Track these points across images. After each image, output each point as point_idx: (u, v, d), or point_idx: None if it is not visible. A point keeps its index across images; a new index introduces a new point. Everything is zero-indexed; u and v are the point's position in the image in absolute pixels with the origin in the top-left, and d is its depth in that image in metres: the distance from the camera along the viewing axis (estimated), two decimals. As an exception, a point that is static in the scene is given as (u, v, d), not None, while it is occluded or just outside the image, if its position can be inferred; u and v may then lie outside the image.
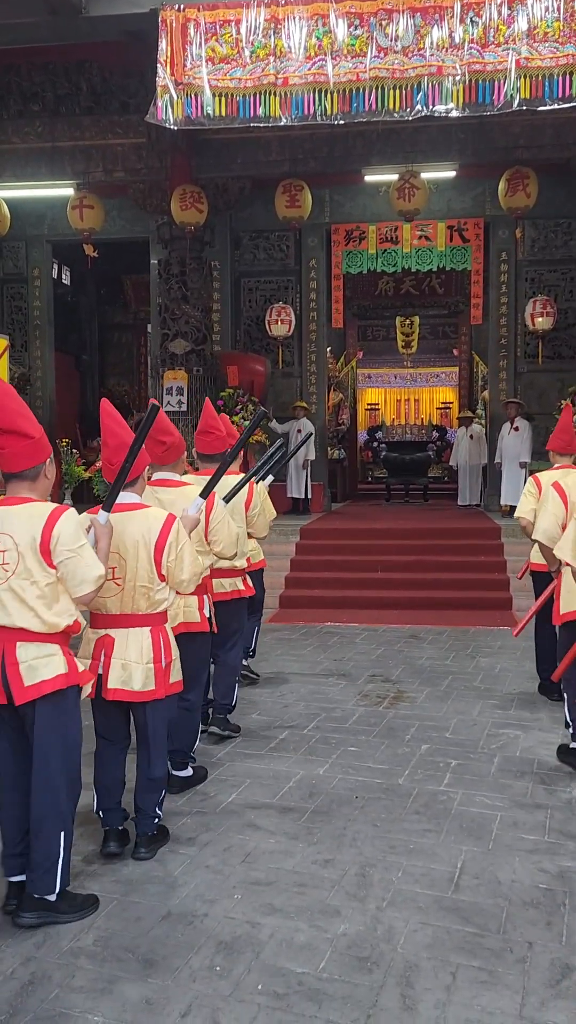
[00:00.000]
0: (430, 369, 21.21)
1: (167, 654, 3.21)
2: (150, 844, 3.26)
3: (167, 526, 3.16)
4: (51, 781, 2.75)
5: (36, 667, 2.68)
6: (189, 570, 3.22)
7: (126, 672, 3.12)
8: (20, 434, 2.68)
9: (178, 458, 3.89)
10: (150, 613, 3.18)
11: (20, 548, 2.67)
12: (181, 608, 3.75)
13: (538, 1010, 2.34)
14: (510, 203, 9.48)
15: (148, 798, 3.28)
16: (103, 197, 10.31)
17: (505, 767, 4.14)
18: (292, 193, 9.76)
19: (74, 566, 2.71)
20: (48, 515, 2.70)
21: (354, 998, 2.38)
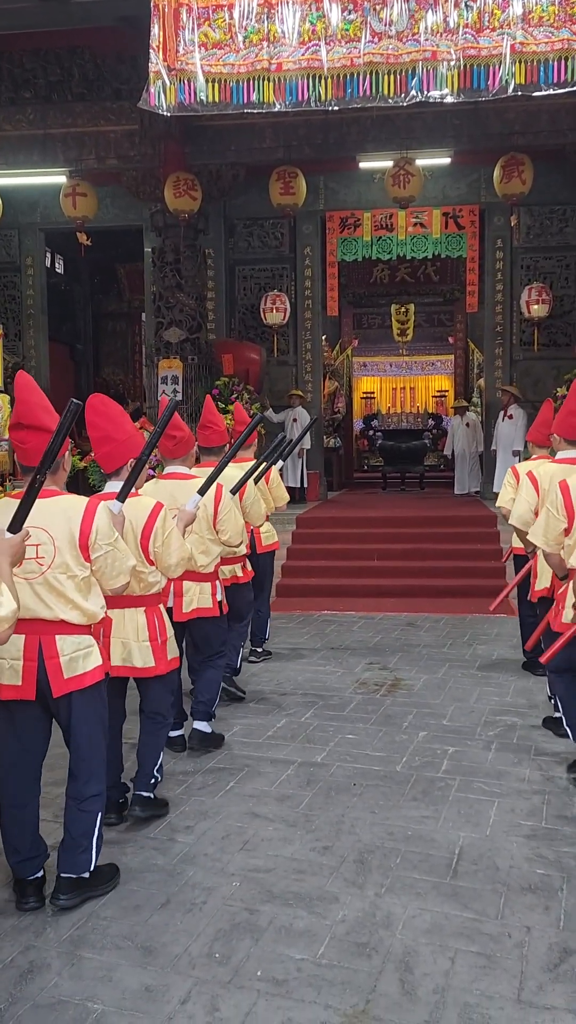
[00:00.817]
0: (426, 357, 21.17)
1: (162, 632, 3.39)
2: (145, 805, 3.43)
3: (153, 514, 3.31)
4: (91, 766, 2.86)
5: (76, 659, 2.76)
6: (176, 555, 3.36)
7: (126, 650, 3.32)
8: (41, 429, 2.69)
9: (188, 452, 4.12)
10: (144, 595, 3.35)
11: (57, 543, 2.72)
12: (196, 595, 4.06)
13: (536, 994, 2.35)
14: (505, 190, 9.43)
15: (148, 759, 3.48)
16: (96, 185, 10.23)
17: (502, 753, 4.15)
18: (286, 180, 9.69)
19: (112, 559, 2.80)
20: (85, 510, 2.76)
21: (353, 984, 2.39)
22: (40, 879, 2.85)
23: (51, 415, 2.74)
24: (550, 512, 3.60)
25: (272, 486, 5.64)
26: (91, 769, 2.86)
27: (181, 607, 4.04)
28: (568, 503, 3.51)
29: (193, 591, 4.05)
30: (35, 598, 2.71)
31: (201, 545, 4.01)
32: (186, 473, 4.11)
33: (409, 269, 14.44)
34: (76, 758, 2.86)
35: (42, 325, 12.40)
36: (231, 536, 4.11)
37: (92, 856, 2.82)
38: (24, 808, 2.84)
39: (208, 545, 4.08)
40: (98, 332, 15.87)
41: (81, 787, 2.84)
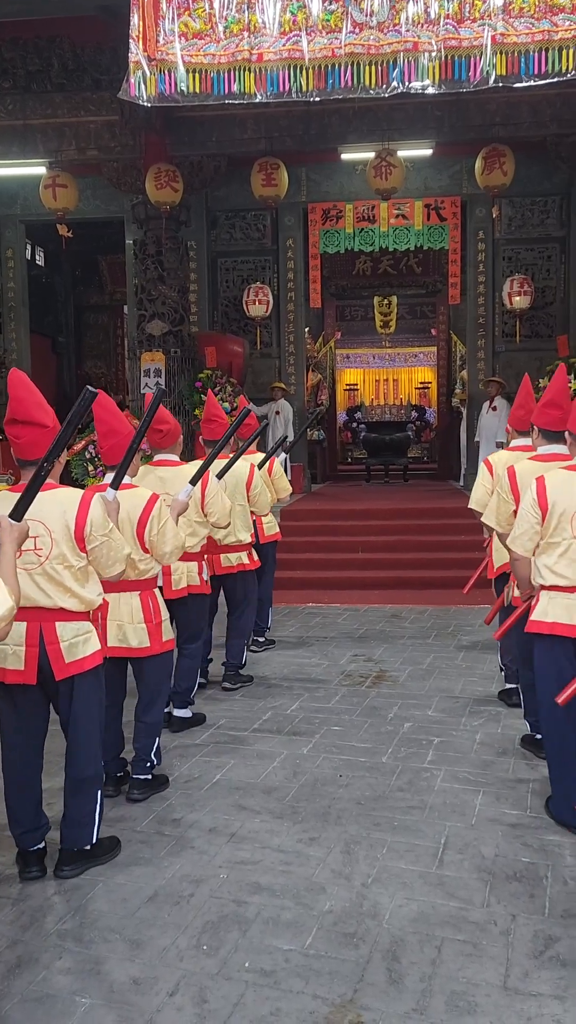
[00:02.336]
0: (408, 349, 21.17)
1: (156, 614, 3.58)
2: (143, 788, 3.58)
3: (149, 504, 3.49)
4: (91, 746, 2.99)
5: (76, 644, 2.88)
6: (171, 543, 3.54)
7: (122, 632, 3.50)
8: (36, 424, 2.76)
9: (175, 442, 4.38)
10: (138, 580, 3.53)
11: (54, 534, 2.81)
12: (184, 573, 4.27)
13: (522, 980, 2.38)
14: (487, 181, 9.45)
15: (143, 742, 3.62)
16: (76, 176, 10.13)
17: (487, 744, 4.18)
18: (268, 172, 9.65)
19: (107, 549, 2.91)
20: (79, 502, 2.87)
21: (341, 973, 2.41)
22: (42, 850, 2.99)
23: (45, 410, 2.80)
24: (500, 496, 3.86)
25: (275, 478, 5.86)
26: (90, 751, 2.99)
27: (171, 585, 4.25)
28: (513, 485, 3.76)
29: (181, 570, 4.26)
30: (35, 587, 2.82)
31: (188, 528, 4.24)
32: (174, 461, 4.39)
33: (391, 261, 14.42)
34: (75, 741, 2.96)
35: (23, 318, 12.29)
36: (219, 517, 4.36)
37: (94, 830, 2.98)
38: (27, 784, 2.97)
39: (195, 527, 4.32)
40: (80, 325, 15.76)
41: (80, 769, 2.97)
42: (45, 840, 3.01)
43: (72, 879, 2.93)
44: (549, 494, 3.32)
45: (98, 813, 3.01)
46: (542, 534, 3.34)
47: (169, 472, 4.30)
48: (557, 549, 3.29)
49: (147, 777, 3.61)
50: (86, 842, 2.97)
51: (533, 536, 3.36)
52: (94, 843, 3.00)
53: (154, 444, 4.35)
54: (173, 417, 4.44)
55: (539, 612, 3.35)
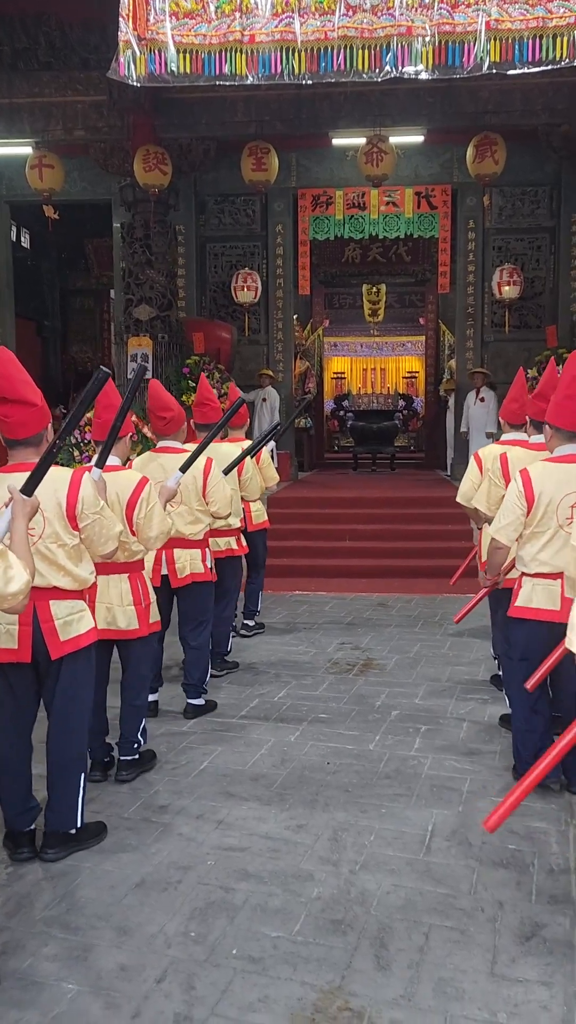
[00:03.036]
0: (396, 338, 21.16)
1: (145, 596, 3.61)
2: (130, 767, 3.62)
3: (139, 488, 3.51)
4: (76, 728, 3.00)
5: (71, 622, 2.90)
6: (157, 528, 3.54)
7: (111, 614, 3.52)
8: (24, 402, 2.73)
9: (178, 429, 4.34)
10: (128, 562, 3.55)
11: (46, 513, 2.80)
12: (188, 562, 4.30)
13: (509, 967, 2.38)
14: (478, 169, 9.40)
15: (130, 724, 3.65)
16: (63, 157, 10.01)
17: (473, 732, 4.19)
18: (258, 156, 9.56)
19: (99, 527, 2.92)
20: (70, 481, 2.87)
21: (329, 960, 2.40)
22: (32, 832, 2.98)
23: (33, 389, 2.77)
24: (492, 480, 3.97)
25: (262, 466, 5.87)
26: (76, 733, 3.01)
27: (175, 573, 4.27)
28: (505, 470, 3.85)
29: (184, 558, 4.29)
30: None
31: (190, 516, 4.29)
32: (177, 447, 4.36)
33: (381, 249, 14.36)
34: (62, 721, 2.96)
35: (8, 301, 12.15)
36: (220, 507, 4.35)
37: (78, 814, 2.98)
38: (18, 766, 2.96)
39: (197, 515, 4.33)
40: (66, 309, 15.62)
41: (65, 751, 2.99)
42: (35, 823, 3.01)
43: (58, 864, 2.91)
44: (535, 485, 3.32)
45: (82, 797, 3.01)
46: (527, 524, 3.35)
47: (172, 459, 4.25)
48: (542, 538, 3.33)
49: (134, 757, 3.65)
50: (71, 826, 2.98)
51: (518, 527, 3.39)
52: (79, 827, 3.00)
53: (158, 431, 4.35)
54: (177, 404, 4.41)
55: (523, 598, 3.43)
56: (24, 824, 2.97)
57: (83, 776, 3.04)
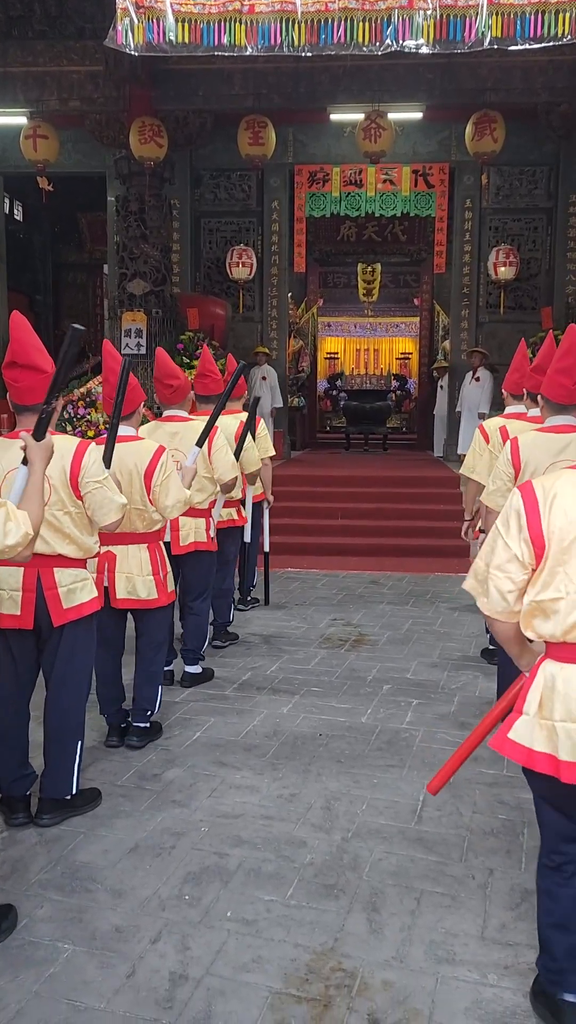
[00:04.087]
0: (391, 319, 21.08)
1: (163, 567, 3.66)
2: (143, 735, 3.68)
3: (156, 456, 3.53)
4: (74, 695, 3.01)
5: (74, 591, 2.91)
6: (173, 497, 3.56)
7: (131, 583, 3.55)
8: (34, 368, 2.73)
9: (184, 398, 4.39)
10: (146, 532, 3.60)
11: (52, 481, 2.82)
12: (192, 530, 4.34)
13: (499, 931, 2.42)
14: (476, 147, 9.34)
15: (144, 692, 3.71)
16: (58, 128, 9.88)
17: (465, 706, 4.23)
18: (255, 130, 9.47)
19: (101, 496, 2.90)
20: (76, 449, 2.88)
21: (322, 923, 2.43)
22: (28, 797, 3.00)
23: (43, 355, 2.77)
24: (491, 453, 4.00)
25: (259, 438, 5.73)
26: (74, 700, 3.01)
27: (178, 541, 4.31)
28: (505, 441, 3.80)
29: (189, 526, 4.33)
30: None
31: (197, 484, 4.27)
32: (183, 416, 4.41)
33: (376, 228, 14.27)
34: (60, 688, 2.97)
35: (1, 273, 12.03)
36: (223, 472, 4.38)
37: (73, 780, 3.00)
38: (15, 732, 2.98)
39: (204, 483, 4.36)
40: (58, 283, 15.47)
41: (63, 719, 3.00)
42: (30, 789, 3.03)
43: (53, 830, 2.93)
44: (522, 453, 3.39)
45: (78, 764, 3.03)
46: None
47: (179, 427, 4.30)
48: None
49: (146, 725, 3.71)
50: (66, 792, 3.00)
51: (505, 492, 3.41)
52: (74, 793, 3.03)
53: (163, 399, 4.38)
54: (183, 373, 4.44)
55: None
56: (20, 790, 2.98)
57: (79, 743, 3.05)
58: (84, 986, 2.15)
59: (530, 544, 1.92)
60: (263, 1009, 2.08)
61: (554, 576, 1.90)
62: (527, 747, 1.95)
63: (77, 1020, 2.03)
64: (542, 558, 1.91)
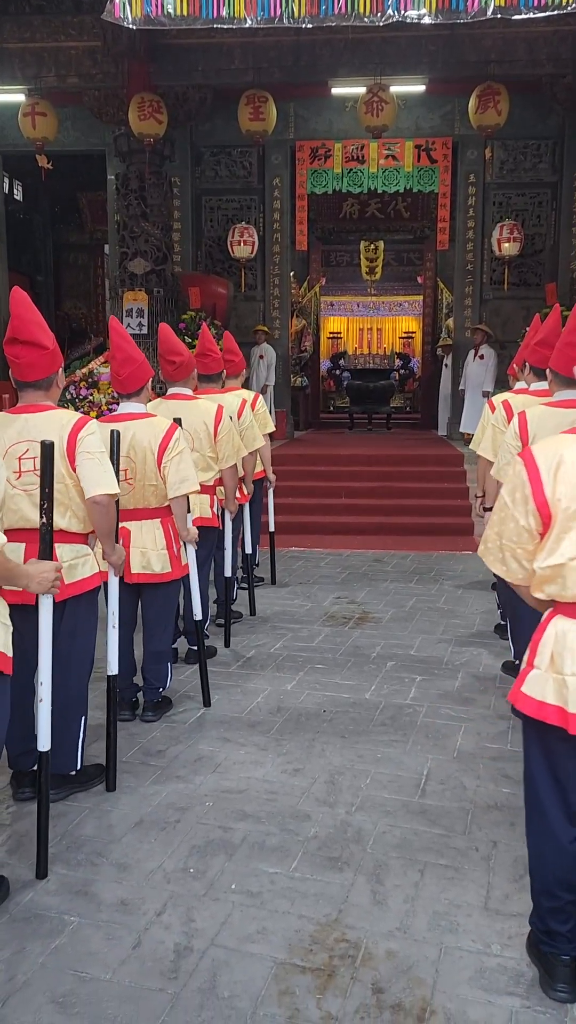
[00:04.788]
0: (394, 298, 20.93)
1: (176, 541, 3.69)
2: (156, 709, 3.74)
3: (169, 432, 3.56)
4: (77, 672, 3.01)
5: (75, 566, 2.89)
6: (182, 474, 3.57)
7: (145, 558, 3.57)
8: (36, 345, 2.73)
9: (188, 375, 4.35)
10: (160, 507, 3.62)
11: None
12: (197, 505, 4.26)
13: (503, 902, 2.43)
14: (480, 121, 9.21)
15: (154, 669, 3.75)
16: (56, 105, 9.77)
17: (469, 682, 4.23)
18: (256, 105, 9.34)
19: (91, 467, 2.82)
20: (75, 422, 2.84)
21: (326, 895, 2.45)
22: (35, 772, 2.95)
23: (46, 332, 2.77)
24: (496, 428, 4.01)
25: (258, 415, 5.67)
26: (78, 676, 3.01)
27: None
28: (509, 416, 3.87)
29: (194, 501, 4.26)
30: (34, 509, 2.77)
31: (203, 462, 4.27)
32: (187, 394, 4.37)
33: (379, 204, 14.13)
34: (63, 664, 2.94)
35: (1, 254, 11.96)
36: (227, 457, 4.37)
37: (77, 756, 3.02)
38: (23, 706, 2.95)
39: (208, 462, 4.34)
40: (59, 264, 15.37)
41: (65, 693, 2.97)
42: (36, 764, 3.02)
43: (58, 805, 2.94)
44: (530, 427, 3.41)
45: (82, 740, 3.03)
46: None
47: (182, 406, 4.23)
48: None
49: (158, 700, 3.77)
50: (71, 768, 3.02)
51: None
52: (79, 769, 3.04)
53: (168, 376, 4.33)
54: (187, 349, 4.37)
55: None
56: (27, 765, 2.99)
57: (82, 719, 3.05)
58: (90, 957, 2.17)
59: (537, 514, 1.96)
60: (267, 979, 2.09)
61: (560, 543, 1.93)
62: (539, 700, 2.02)
63: (83, 990, 2.05)
64: (549, 526, 1.95)
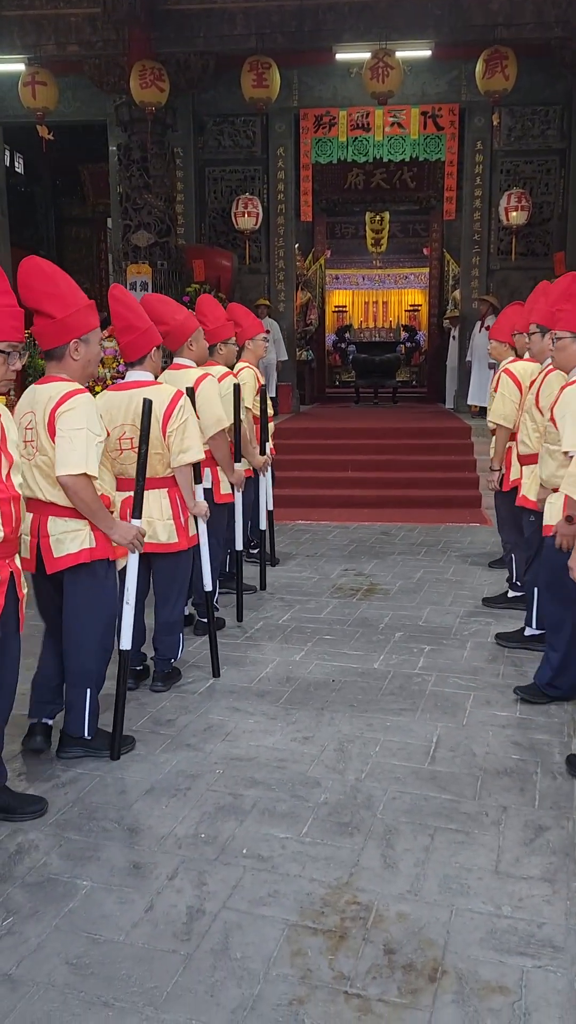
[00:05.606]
0: (399, 270, 20.75)
1: (184, 511, 3.61)
2: (165, 680, 3.75)
3: (174, 400, 3.47)
4: (80, 644, 3.00)
5: (63, 540, 2.88)
6: (188, 442, 3.51)
7: (152, 528, 3.49)
8: (44, 314, 2.72)
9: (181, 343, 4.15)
10: (166, 476, 3.55)
11: (38, 425, 2.81)
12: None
13: (513, 865, 2.43)
14: (487, 86, 9.05)
15: (166, 641, 3.74)
16: (57, 74, 9.63)
17: (477, 652, 4.23)
18: (259, 71, 9.19)
19: (61, 445, 2.77)
20: (60, 396, 2.80)
21: (336, 859, 2.46)
22: (48, 726, 3.13)
23: (54, 300, 2.77)
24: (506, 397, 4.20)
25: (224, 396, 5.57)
26: (82, 649, 3.01)
27: None
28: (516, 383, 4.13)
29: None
30: (33, 480, 2.87)
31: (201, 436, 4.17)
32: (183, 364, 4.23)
33: (385, 175, 13.95)
34: (68, 637, 3.02)
35: (3, 229, 11.85)
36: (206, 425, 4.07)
37: (86, 723, 3.05)
38: (42, 662, 3.13)
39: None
40: (61, 238, 15.23)
41: (73, 664, 3.03)
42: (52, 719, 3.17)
43: (69, 772, 2.97)
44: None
45: (88, 709, 3.05)
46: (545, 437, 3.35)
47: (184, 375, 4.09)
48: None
49: (168, 671, 3.77)
50: (79, 732, 3.05)
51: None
52: (90, 736, 3.07)
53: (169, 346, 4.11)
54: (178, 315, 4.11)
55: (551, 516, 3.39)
56: (42, 715, 3.11)
57: (88, 692, 3.04)
58: (103, 920, 2.18)
59: None
60: (280, 941, 2.11)
61: None
62: None
63: (97, 952, 2.06)
64: None
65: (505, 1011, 1.88)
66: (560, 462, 3.30)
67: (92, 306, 2.91)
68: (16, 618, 2.59)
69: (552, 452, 3.38)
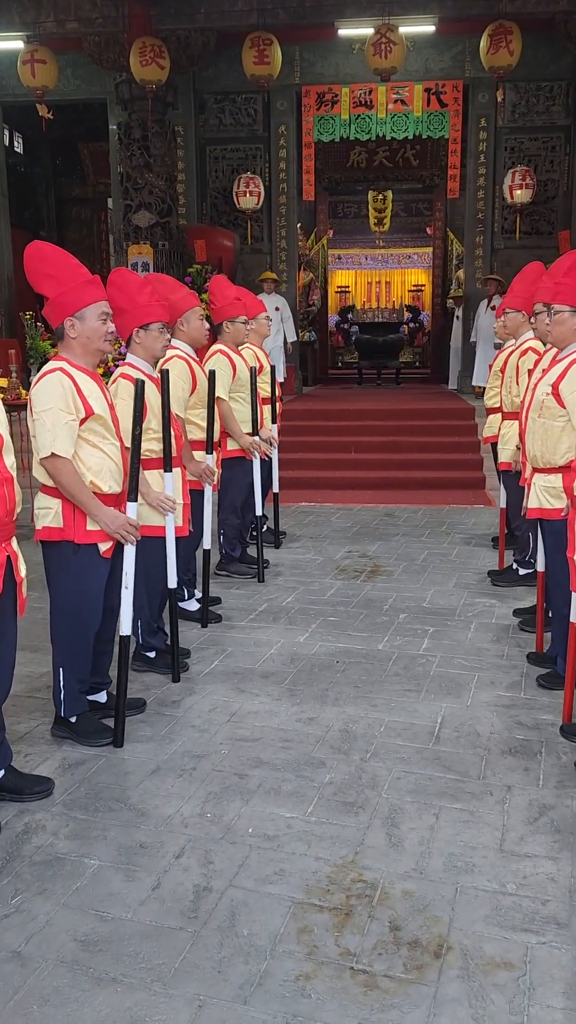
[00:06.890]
0: (403, 250, 20.57)
1: (184, 495, 3.66)
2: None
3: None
4: (51, 623, 3.06)
5: (39, 516, 2.96)
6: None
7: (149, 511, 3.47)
8: (45, 297, 2.79)
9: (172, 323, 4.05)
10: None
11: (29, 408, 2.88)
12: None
13: (517, 844, 2.45)
14: (492, 61, 8.93)
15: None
16: (56, 52, 9.51)
17: (481, 632, 4.23)
18: (260, 48, 9.08)
19: (35, 429, 2.82)
20: (40, 373, 2.85)
21: (342, 838, 2.47)
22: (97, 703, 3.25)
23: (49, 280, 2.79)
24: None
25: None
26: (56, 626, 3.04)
27: None
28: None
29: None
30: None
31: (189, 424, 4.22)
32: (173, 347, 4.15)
33: (388, 153, 13.82)
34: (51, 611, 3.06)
35: (3, 208, 11.77)
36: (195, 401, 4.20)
37: (61, 703, 3.07)
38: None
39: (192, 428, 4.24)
40: (62, 219, 15.11)
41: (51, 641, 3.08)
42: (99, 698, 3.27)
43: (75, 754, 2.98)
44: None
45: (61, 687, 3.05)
46: None
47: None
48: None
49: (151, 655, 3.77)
50: (57, 710, 3.09)
51: None
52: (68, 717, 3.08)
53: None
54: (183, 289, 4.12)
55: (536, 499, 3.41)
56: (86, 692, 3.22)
57: (62, 671, 3.03)
58: (111, 898, 2.20)
59: None
60: (286, 918, 2.12)
61: None
62: None
63: (105, 929, 2.08)
64: None
65: (510, 986, 1.90)
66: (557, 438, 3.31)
67: (91, 282, 2.86)
68: (14, 601, 2.58)
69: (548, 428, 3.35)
